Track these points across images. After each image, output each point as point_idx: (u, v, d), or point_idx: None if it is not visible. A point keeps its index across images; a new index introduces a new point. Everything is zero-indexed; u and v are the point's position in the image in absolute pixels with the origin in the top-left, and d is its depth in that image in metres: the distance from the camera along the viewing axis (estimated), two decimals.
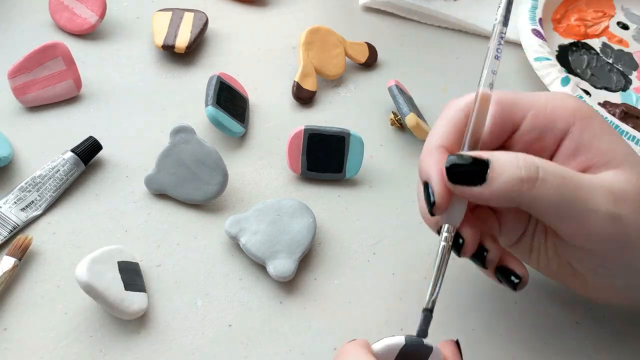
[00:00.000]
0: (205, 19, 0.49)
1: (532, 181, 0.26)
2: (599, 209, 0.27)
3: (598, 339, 0.36)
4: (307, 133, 0.40)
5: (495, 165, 0.27)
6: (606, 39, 0.57)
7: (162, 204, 0.39)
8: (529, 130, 0.30)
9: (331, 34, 0.48)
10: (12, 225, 0.36)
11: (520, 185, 0.26)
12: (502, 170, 0.27)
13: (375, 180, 0.43)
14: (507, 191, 0.27)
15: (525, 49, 0.51)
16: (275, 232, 0.37)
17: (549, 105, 0.30)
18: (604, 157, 0.29)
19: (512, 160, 0.27)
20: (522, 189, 0.27)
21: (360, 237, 0.39)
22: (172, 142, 0.38)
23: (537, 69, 0.49)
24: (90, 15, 0.48)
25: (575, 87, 0.47)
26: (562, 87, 0.47)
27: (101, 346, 0.33)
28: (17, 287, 0.34)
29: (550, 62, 0.48)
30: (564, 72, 0.48)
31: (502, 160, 0.27)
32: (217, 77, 0.43)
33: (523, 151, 0.29)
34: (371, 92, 0.49)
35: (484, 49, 0.32)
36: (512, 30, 0.54)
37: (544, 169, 0.27)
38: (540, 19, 0.53)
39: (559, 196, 0.27)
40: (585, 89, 0.52)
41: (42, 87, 0.42)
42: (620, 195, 0.28)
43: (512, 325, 0.36)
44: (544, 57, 0.49)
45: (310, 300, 0.36)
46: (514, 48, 0.54)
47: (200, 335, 0.34)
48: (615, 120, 0.45)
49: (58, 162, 0.38)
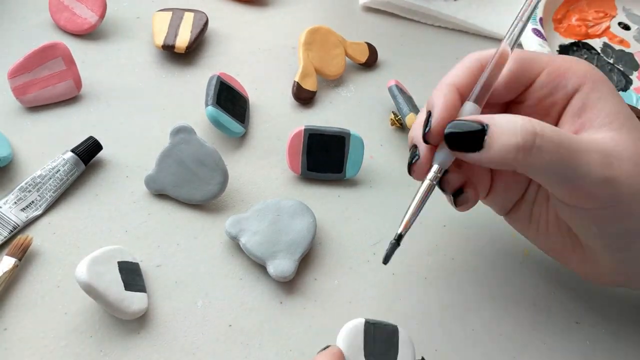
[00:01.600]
0: (206, 19, 0.49)
1: (529, 149, 0.27)
2: (592, 173, 0.28)
3: (598, 339, 0.36)
4: (307, 133, 0.40)
5: (493, 131, 0.28)
6: (607, 39, 0.57)
7: (162, 204, 0.39)
8: (542, 85, 0.32)
9: (331, 34, 0.48)
10: (12, 225, 0.36)
11: (516, 153, 0.27)
12: (500, 136, 0.27)
13: (375, 180, 0.43)
14: (502, 158, 0.28)
15: (526, 48, 0.50)
16: (276, 232, 0.37)
17: (563, 65, 0.32)
18: (607, 118, 0.30)
19: (510, 127, 0.27)
20: (518, 157, 0.27)
21: (360, 237, 0.39)
22: (172, 142, 0.38)
23: None
24: (90, 15, 0.48)
25: None
26: None
27: (101, 346, 0.33)
28: (17, 287, 0.34)
29: None
30: None
31: (501, 125, 0.28)
32: (217, 77, 0.43)
33: (535, 105, 0.32)
34: (371, 92, 0.49)
35: (483, 48, 0.32)
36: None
37: (541, 135, 0.27)
38: (541, 19, 0.53)
39: (554, 162, 0.27)
40: None
41: (42, 87, 0.42)
42: (615, 158, 0.28)
43: (512, 325, 0.36)
44: None
45: (310, 301, 0.36)
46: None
47: (200, 335, 0.34)
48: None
49: (58, 162, 0.38)
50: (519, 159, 0.27)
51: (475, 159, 0.28)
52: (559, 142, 0.27)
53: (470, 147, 0.28)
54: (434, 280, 0.38)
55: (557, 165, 0.28)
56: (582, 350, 0.35)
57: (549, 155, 0.27)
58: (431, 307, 0.36)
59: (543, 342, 0.35)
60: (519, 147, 0.27)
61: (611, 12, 0.59)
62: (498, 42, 0.32)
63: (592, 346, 0.36)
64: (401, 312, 0.36)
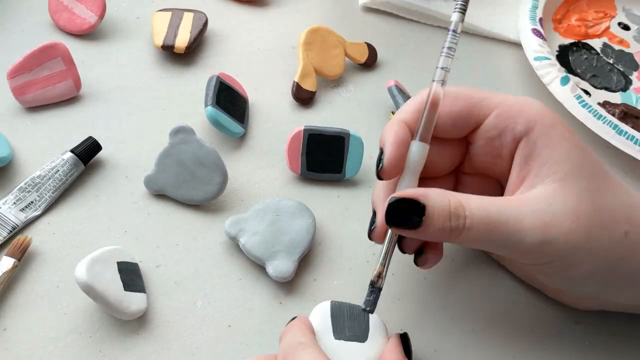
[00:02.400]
0: (205, 19, 0.49)
1: (460, 231, 0.28)
2: (527, 239, 0.28)
3: (597, 339, 0.36)
4: (306, 133, 0.40)
5: (428, 213, 0.28)
6: (607, 40, 0.57)
7: (161, 204, 0.39)
8: (491, 127, 0.32)
9: (331, 34, 0.48)
10: (12, 225, 0.36)
11: (449, 235, 0.29)
12: (433, 219, 0.28)
13: (375, 180, 0.42)
14: (438, 237, 0.29)
15: (525, 48, 0.51)
16: (275, 232, 0.37)
17: (514, 107, 0.31)
18: (551, 168, 0.30)
19: (442, 211, 0.28)
20: (452, 238, 0.29)
21: (360, 237, 0.39)
22: (171, 143, 0.38)
23: (537, 69, 0.49)
24: (89, 16, 0.48)
25: (574, 86, 0.47)
26: (562, 87, 0.47)
27: (100, 346, 0.33)
28: (16, 287, 0.34)
29: (550, 62, 0.48)
30: (563, 72, 0.48)
31: (434, 206, 0.28)
32: (216, 77, 0.43)
33: (486, 145, 0.32)
34: (371, 92, 0.49)
35: (483, 49, 0.32)
36: (513, 30, 0.55)
37: (470, 217, 0.28)
38: (541, 19, 0.53)
39: (486, 238, 0.29)
40: (585, 88, 0.52)
41: (42, 88, 0.42)
42: (551, 219, 0.28)
43: (512, 325, 0.36)
44: (543, 57, 0.49)
45: (310, 301, 0.36)
46: (514, 48, 0.54)
47: (200, 335, 0.34)
48: (614, 120, 0.45)
49: (57, 163, 0.38)
50: (452, 239, 0.29)
51: (414, 235, 0.29)
52: (488, 220, 0.28)
53: (409, 227, 0.29)
54: (434, 280, 0.38)
55: (490, 239, 0.29)
56: (582, 350, 0.35)
57: (479, 233, 0.28)
58: (431, 307, 0.36)
59: (543, 342, 0.35)
60: (452, 230, 0.28)
61: (611, 12, 0.59)
62: (498, 42, 0.32)
63: (592, 346, 0.36)
64: (401, 312, 0.36)
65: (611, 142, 0.44)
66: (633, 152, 0.44)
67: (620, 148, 0.44)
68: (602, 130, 0.45)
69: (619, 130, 0.44)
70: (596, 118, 0.45)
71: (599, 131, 0.45)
